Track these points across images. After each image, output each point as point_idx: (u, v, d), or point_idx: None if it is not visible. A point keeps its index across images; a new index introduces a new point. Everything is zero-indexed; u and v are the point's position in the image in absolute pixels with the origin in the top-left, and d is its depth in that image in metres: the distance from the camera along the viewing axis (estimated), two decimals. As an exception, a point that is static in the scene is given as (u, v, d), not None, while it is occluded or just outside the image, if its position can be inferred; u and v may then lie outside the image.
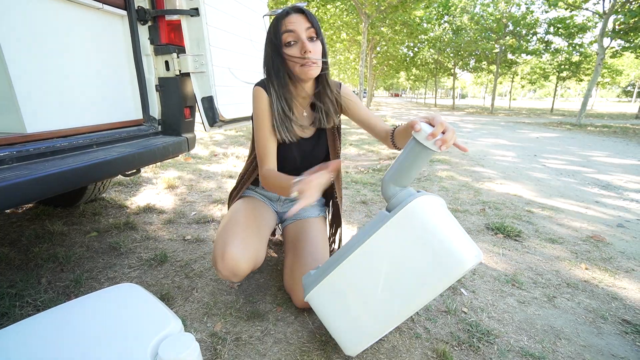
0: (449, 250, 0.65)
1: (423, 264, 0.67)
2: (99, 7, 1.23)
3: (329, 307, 0.79)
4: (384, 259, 0.71)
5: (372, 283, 0.72)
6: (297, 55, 0.86)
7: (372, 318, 0.74)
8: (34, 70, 1.03)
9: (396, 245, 0.69)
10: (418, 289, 0.68)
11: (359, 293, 0.74)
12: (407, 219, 0.68)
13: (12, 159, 0.91)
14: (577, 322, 1.00)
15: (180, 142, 1.48)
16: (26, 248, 1.38)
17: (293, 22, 0.85)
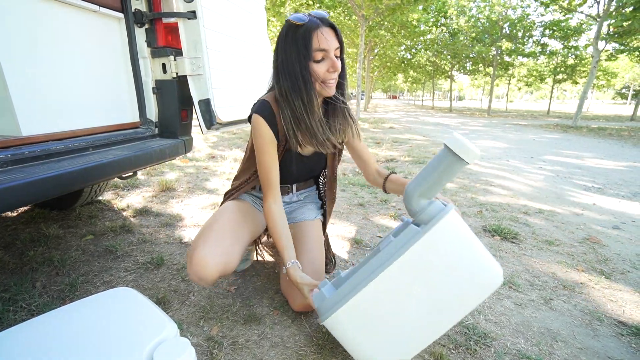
0: (484, 266, 0.66)
1: (459, 279, 0.66)
2: (95, 9, 1.23)
3: (353, 330, 0.71)
4: (418, 277, 0.67)
5: (405, 302, 0.68)
6: (323, 71, 0.84)
7: (404, 338, 0.70)
8: (30, 73, 1.03)
9: (431, 262, 0.66)
10: (454, 305, 0.67)
11: (390, 313, 0.69)
12: (443, 235, 0.66)
13: (7, 162, 0.90)
14: (574, 325, 1.00)
15: (177, 144, 1.48)
16: (21, 251, 1.36)
17: (326, 39, 0.82)
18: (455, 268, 0.66)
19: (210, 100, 1.47)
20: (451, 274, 0.66)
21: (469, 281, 0.66)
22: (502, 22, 12.77)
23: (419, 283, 0.67)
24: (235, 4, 1.70)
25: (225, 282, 1.19)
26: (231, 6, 1.66)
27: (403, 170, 3.05)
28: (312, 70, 0.84)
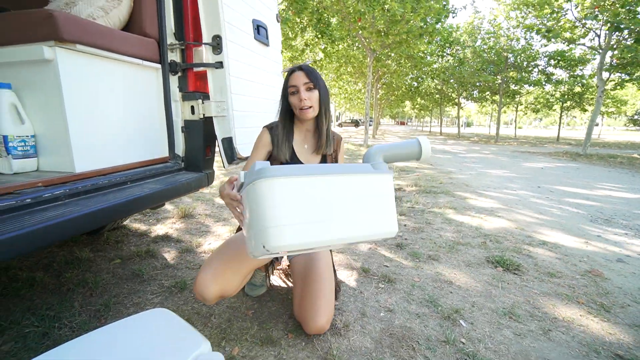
0: (390, 217, 0.85)
1: (369, 214, 0.83)
2: (139, 63, 1.43)
3: (279, 199, 0.78)
4: (348, 192, 0.83)
5: (327, 204, 0.81)
6: (296, 101, 1.14)
7: (310, 231, 0.79)
8: (85, 117, 1.20)
9: (363, 192, 0.84)
10: (355, 225, 0.82)
11: (311, 205, 0.80)
12: (382, 182, 0.86)
13: (65, 195, 1.05)
14: (571, 355, 1.05)
15: (201, 177, 1.63)
16: (58, 273, 1.50)
17: (295, 77, 1.14)
18: (371, 205, 0.84)
19: (232, 138, 1.64)
20: (366, 207, 0.83)
21: (374, 219, 0.84)
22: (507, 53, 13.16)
23: (348, 197, 0.82)
24: (256, 52, 1.92)
25: (243, 307, 1.29)
26: (252, 54, 1.88)
27: (410, 199, 3.15)
28: (290, 101, 1.17)
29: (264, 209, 0.78)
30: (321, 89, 1.16)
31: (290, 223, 0.77)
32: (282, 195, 0.78)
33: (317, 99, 1.16)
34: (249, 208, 0.83)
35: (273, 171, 0.78)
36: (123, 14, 1.43)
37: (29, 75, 1.12)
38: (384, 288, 1.46)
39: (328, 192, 0.81)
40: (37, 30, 1.05)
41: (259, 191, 0.78)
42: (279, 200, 0.78)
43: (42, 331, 1.08)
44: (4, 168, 1.12)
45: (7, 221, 0.86)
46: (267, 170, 0.78)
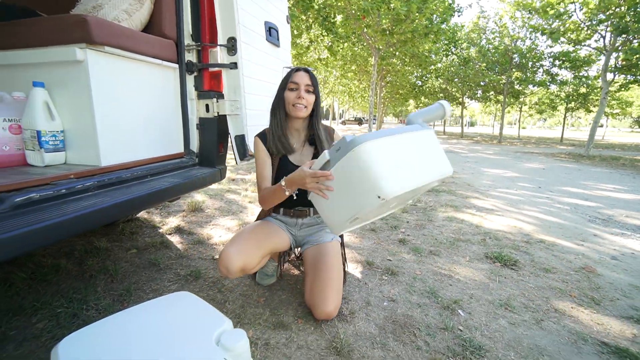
0: (445, 161, 1.03)
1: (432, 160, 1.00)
2: (159, 63, 1.51)
3: (381, 158, 0.92)
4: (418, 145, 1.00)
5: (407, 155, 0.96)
6: (293, 97, 1.23)
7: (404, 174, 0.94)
8: (110, 113, 1.28)
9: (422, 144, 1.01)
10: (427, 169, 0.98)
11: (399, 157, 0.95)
12: (431, 136, 1.03)
13: (94, 187, 1.14)
14: (560, 343, 1.14)
15: (215, 172, 1.71)
16: (80, 261, 1.59)
17: (299, 76, 1.23)
18: (433, 153, 1.02)
19: (245, 135, 1.73)
20: (431, 154, 1.01)
21: (437, 163, 1.01)
22: (512, 53, 13.14)
23: (417, 148, 0.99)
24: (267, 52, 1.99)
25: (255, 294, 1.37)
26: (264, 55, 1.95)
27: (412, 197, 3.22)
28: (285, 95, 1.25)
29: (369, 169, 0.90)
30: (317, 96, 1.29)
31: (389, 174, 0.91)
32: (382, 153, 0.93)
33: (312, 102, 1.27)
34: (344, 178, 0.95)
35: (364, 137, 0.93)
36: (144, 16, 1.51)
37: (61, 75, 1.20)
38: (387, 280, 1.55)
39: (406, 146, 0.97)
40: (70, 33, 1.13)
41: (359, 155, 0.91)
42: (381, 157, 0.92)
43: (72, 312, 1.17)
44: (37, 161, 1.20)
45: (47, 209, 0.94)
46: (358, 138, 0.93)
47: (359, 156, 0.91)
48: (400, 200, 1.04)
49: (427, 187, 1.06)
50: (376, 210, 1.00)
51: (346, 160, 0.93)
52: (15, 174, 1.08)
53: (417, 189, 0.97)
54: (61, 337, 1.04)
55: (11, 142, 1.18)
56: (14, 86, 1.23)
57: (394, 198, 0.90)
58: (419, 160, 0.97)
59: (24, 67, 1.22)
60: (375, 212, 1.03)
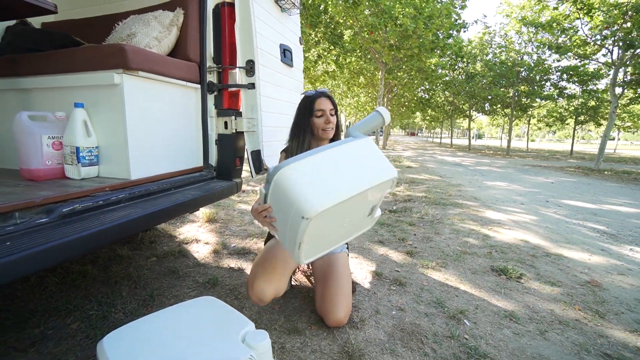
0: (386, 167, 1.03)
1: (368, 168, 1.02)
2: (183, 84, 1.64)
3: (300, 179, 0.95)
4: (345, 158, 1.02)
5: (335, 169, 0.99)
6: (322, 123, 1.34)
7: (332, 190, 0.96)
8: (139, 130, 1.40)
9: (353, 154, 1.03)
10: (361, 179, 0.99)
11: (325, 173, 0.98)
12: (364, 145, 1.06)
13: (126, 199, 1.25)
14: (563, 353, 1.18)
15: (232, 185, 1.82)
16: (105, 267, 1.69)
17: (323, 103, 1.34)
18: (368, 161, 1.03)
19: (260, 151, 1.83)
20: (365, 163, 1.02)
21: (375, 169, 1.01)
22: (519, 67, 13.24)
23: (347, 161, 1.02)
24: (282, 73, 2.12)
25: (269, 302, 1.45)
26: (279, 75, 2.08)
27: (419, 210, 3.28)
28: (313, 122, 1.34)
29: (291, 191, 0.94)
30: (338, 115, 1.41)
31: (313, 192, 0.93)
32: (299, 175, 0.96)
33: (336, 123, 1.39)
34: (278, 204, 0.99)
35: (283, 164, 0.98)
36: (171, 41, 1.65)
37: (99, 96, 1.33)
38: (396, 290, 1.60)
39: (332, 162, 1.00)
40: (109, 60, 1.27)
41: (280, 182, 0.96)
42: (299, 179, 0.95)
43: (102, 314, 1.27)
44: (74, 174, 1.32)
45: (89, 219, 1.05)
46: (278, 166, 0.98)
47: (280, 183, 0.95)
48: (345, 215, 1.04)
49: (376, 197, 1.08)
50: (325, 232, 1.03)
51: (273, 188, 0.97)
52: (57, 187, 1.19)
53: (356, 201, 0.99)
54: (94, 337, 1.13)
55: (53, 157, 1.30)
56: (56, 107, 1.36)
57: (323, 214, 0.92)
58: (349, 172, 0.99)
59: (67, 89, 1.36)
60: (326, 233, 1.05)
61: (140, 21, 1.62)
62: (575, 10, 8.19)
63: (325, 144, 1.40)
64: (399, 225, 2.73)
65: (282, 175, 0.95)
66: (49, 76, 1.38)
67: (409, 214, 3.14)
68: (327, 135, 1.36)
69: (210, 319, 0.94)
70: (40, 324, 1.20)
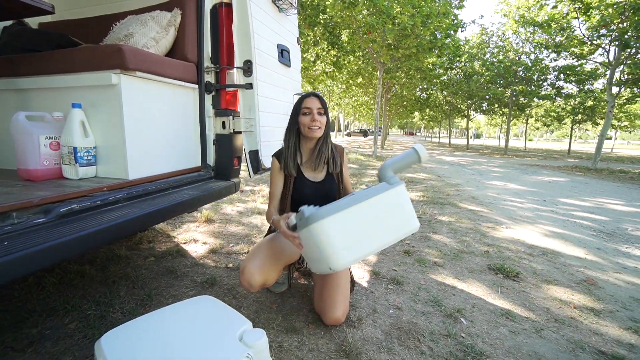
0: (411, 218, 1.08)
1: (395, 220, 1.06)
2: (181, 84, 1.64)
3: (334, 234, 1.00)
4: (379, 210, 1.05)
5: (367, 223, 1.03)
6: (308, 120, 1.33)
7: (362, 245, 1.03)
8: (137, 131, 1.40)
9: (387, 205, 1.06)
10: (387, 232, 1.05)
11: (356, 228, 1.03)
12: (398, 194, 1.07)
13: (124, 199, 1.25)
14: (559, 351, 1.19)
15: (230, 185, 1.82)
16: (102, 267, 1.69)
17: (311, 101, 1.34)
18: (396, 213, 1.06)
19: (258, 151, 1.84)
20: (393, 215, 1.06)
21: (400, 222, 1.07)
22: (516, 67, 13.28)
23: (378, 214, 1.05)
24: (279, 73, 2.13)
25: (268, 301, 1.45)
26: (277, 75, 2.09)
27: (418, 209, 3.29)
28: (300, 121, 1.35)
29: (322, 244, 1.01)
30: (328, 117, 1.39)
31: (343, 247, 1.01)
32: (332, 229, 1.01)
33: (325, 123, 1.36)
34: (307, 244, 1.06)
35: (322, 213, 1.01)
36: (169, 42, 1.66)
37: (96, 97, 1.33)
38: (393, 289, 1.61)
39: (365, 214, 1.04)
40: (107, 61, 1.27)
41: (314, 232, 1.01)
42: (332, 234, 1.01)
43: (100, 314, 1.27)
44: (72, 174, 1.32)
45: (87, 219, 1.05)
46: (316, 214, 1.01)
47: (313, 232, 1.01)
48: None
49: (392, 244, 1.15)
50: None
51: (306, 232, 1.03)
52: (55, 187, 1.19)
53: (378, 250, 1.07)
54: (92, 337, 1.13)
55: (51, 157, 1.30)
56: (54, 107, 1.36)
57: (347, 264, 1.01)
58: (378, 226, 1.04)
59: (65, 90, 1.36)
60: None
61: (137, 21, 1.62)
62: (573, 10, 8.22)
63: (311, 145, 1.41)
64: (396, 224, 2.73)
65: (318, 227, 1.00)
66: (46, 76, 1.38)
67: (406, 213, 3.15)
68: (314, 134, 1.34)
69: (208, 318, 0.94)
70: (38, 323, 1.20)
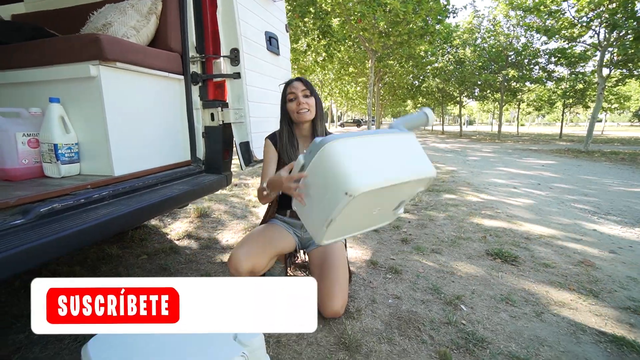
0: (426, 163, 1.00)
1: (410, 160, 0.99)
2: (166, 75, 1.57)
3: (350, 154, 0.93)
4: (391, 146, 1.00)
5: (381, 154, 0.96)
6: (294, 106, 1.31)
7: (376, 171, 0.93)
8: (121, 125, 1.33)
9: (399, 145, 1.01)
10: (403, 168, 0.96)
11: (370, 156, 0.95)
12: (409, 139, 1.03)
13: (109, 196, 1.19)
14: (560, 333, 1.18)
15: (221, 179, 1.77)
16: (93, 267, 1.65)
17: (294, 86, 1.32)
18: (410, 154, 1.01)
19: (249, 142, 1.78)
20: (407, 155, 1.00)
21: (416, 164, 0.99)
22: (507, 51, 13.24)
23: (392, 149, 0.99)
24: (268, 61, 2.06)
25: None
26: (265, 64, 2.02)
27: (413, 197, 3.27)
28: (288, 108, 1.34)
29: (339, 164, 0.91)
30: (316, 97, 1.36)
31: (362, 169, 0.91)
32: (350, 150, 0.94)
33: (313, 104, 1.33)
34: (316, 176, 0.97)
35: (334, 136, 0.96)
36: (151, 31, 1.58)
37: (75, 90, 1.26)
38: (391, 278, 1.60)
39: (381, 147, 0.98)
40: (84, 51, 1.20)
41: (328, 153, 0.92)
42: (349, 153, 0.93)
43: (91, 316, 1.22)
44: (54, 172, 1.26)
45: (69, 218, 1.00)
46: (329, 137, 0.95)
47: (328, 154, 0.92)
48: (378, 203, 1.02)
49: (409, 192, 1.06)
50: (355, 215, 0.99)
51: (317, 159, 0.94)
52: (35, 186, 1.14)
53: (393, 191, 0.97)
54: (82, 340, 1.09)
55: (30, 155, 1.23)
56: (31, 102, 1.29)
57: (364, 195, 0.87)
58: (393, 160, 0.97)
59: (41, 84, 1.29)
60: (355, 217, 1.01)
61: (116, 10, 1.54)
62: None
63: (305, 132, 1.39)
64: (393, 213, 2.72)
65: (332, 147, 0.91)
66: (20, 70, 1.30)
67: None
68: (303, 117, 1.31)
69: (202, 317, 0.90)
70: (25, 328, 1.15)
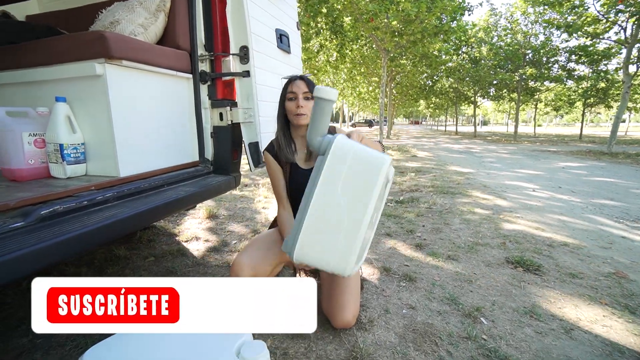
0: (371, 158, 0.84)
1: (359, 177, 0.84)
2: (173, 74, 1.54)
3: (315, 251, 0.85)
4: (337, 188, 0.84)
5: (337, 211, 0.83)
6: (293, 106, 1.21)
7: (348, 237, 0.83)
8: (127, 125, 1.30)
9: (338, 174, 0.84)
10: (366, 195, 0.83)
11: (331, 226, 0.84)
12: (338, 153, 0.85)
13: (114, 198, 1.16)
14: (594, 354, 1.08)
15: (230, 180, 1.72)
16: (100, 269, 1.63)
17: (295, 85, 1.22)
18: (355, 170, 0.84)
19: (258, 143, 1.73)
20: (354, 175, 0.84)
21: (366, 172, 0.83)
22: (525, 49, 12.83)
23: (340, 190, 0.84)
24: (278, 59, 2.00)
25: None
26: (276, 62, 1.96)
27: (427, 200, 3.17)
28: (286, 106, 1.24)
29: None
30: None
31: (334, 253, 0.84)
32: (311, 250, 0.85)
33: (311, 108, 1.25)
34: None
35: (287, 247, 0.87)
36: (159, 29, 1.55)
37: (81, 89, 1.23)
38: (405, 286, 1.51)
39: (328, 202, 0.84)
40: (89, 49, 1.17)
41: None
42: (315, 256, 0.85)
43: (94, 321, 1.19)
44: (59, 173, 1.24)
45: (71, 221, 0.96)
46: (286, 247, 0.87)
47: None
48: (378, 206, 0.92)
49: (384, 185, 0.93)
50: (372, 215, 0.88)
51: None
52: (40, 187, 1.11)
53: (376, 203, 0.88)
54: (85, 346, 1.06)
55: (36, 155, 1.21)
56: (38, 102, 1.27)
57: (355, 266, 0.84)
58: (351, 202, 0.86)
59: (47, 83, 1.27)
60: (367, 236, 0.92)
61: (124, 7, 1.51)
62: (585, -14, 7.84)
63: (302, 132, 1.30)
64: (406, 216, 2.62)
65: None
66: (26, 69, 1.28)
67: (416, 204, 3.03)
68: (301, 121, 1.22)
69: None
70: (28, 332, 1.13)
